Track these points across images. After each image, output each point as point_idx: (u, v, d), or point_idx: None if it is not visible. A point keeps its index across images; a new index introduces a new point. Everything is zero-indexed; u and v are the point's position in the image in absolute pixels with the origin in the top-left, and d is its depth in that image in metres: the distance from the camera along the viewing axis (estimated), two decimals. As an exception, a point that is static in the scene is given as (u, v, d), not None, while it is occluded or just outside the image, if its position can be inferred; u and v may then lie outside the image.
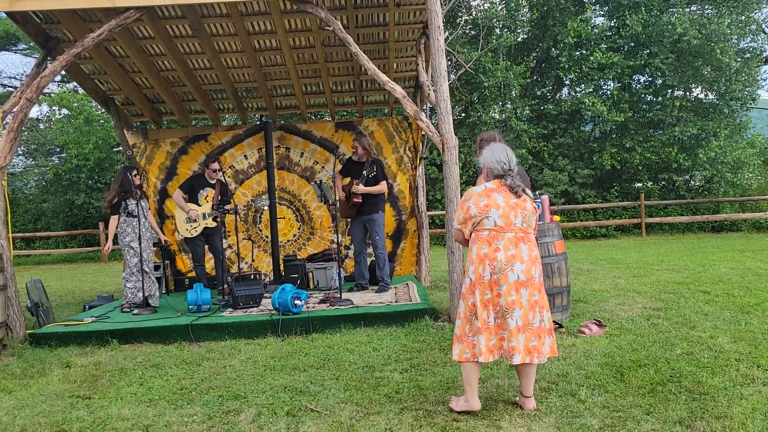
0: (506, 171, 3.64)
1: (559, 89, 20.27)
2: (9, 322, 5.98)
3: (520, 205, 3.61)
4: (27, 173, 22.76)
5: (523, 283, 3.53)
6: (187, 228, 7.84)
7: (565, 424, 3.39)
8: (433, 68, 6.55)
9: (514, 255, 3.53)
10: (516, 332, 3.50)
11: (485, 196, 3.61)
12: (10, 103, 6.32)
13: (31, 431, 3.62)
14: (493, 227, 3.56)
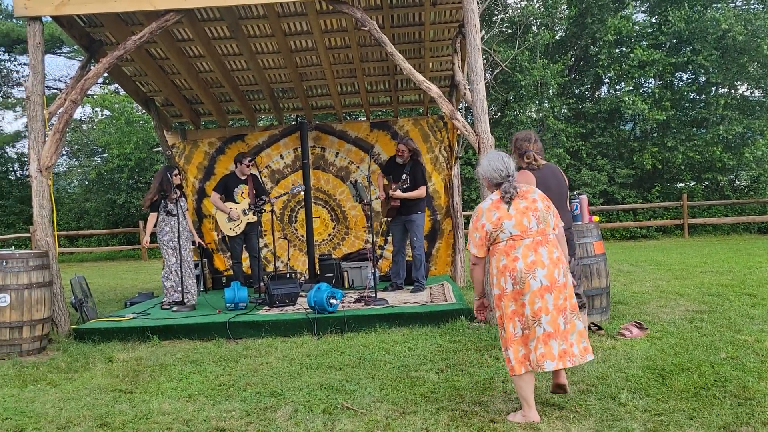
0: (504, 177, 3.56)
1: (598, 87, 19.96)
2: (55, 318, 6.14)
3: (531, 207, 3.52)
4: (70, 173, 23.39)
5: (548, 288, 3.43)
6: (230, 227, 7.94)
7: (605, 427, 3.33)
8: (469, 67, 6.52)
9: (534, 261, 3.44)
10: (546, 339, 3.42)
11: (495, 209, 3.53)
12: (55, 104, 6.50)
13: (76, 423, 3.71)
14: (509, 237, 3.48)
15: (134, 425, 3.64)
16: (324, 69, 8.88)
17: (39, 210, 6.28)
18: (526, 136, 4.85)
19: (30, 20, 6.31)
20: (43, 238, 6.26)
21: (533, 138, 4.84)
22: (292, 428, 3.49)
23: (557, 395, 3.80)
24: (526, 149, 4.80)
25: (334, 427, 3.48)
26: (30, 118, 6.33)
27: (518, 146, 4.85)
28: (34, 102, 6.30)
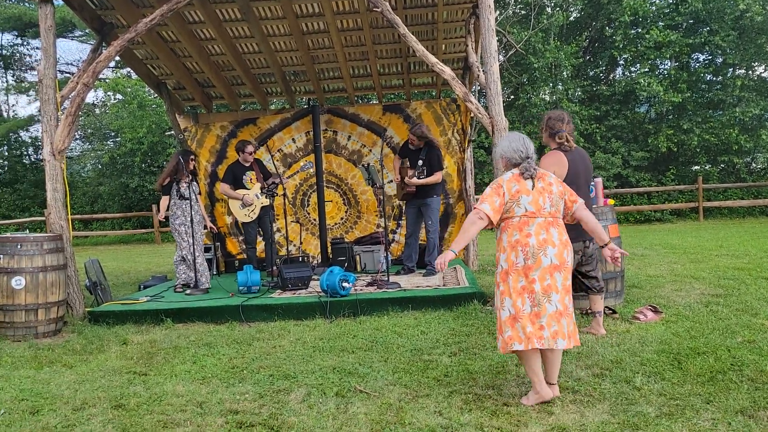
0: (524, 159, 3.60)
1: (613, 69, 19.72)
2: (69, 300, 6.19)
3: (548, 189, 3.58)
4: (84, 157, 23.54)
5: (557, 267, 3.48)
6: (245, 213, 7.92)
7: (619, 411, 3.30)
8: (483, 48, 6.44)
9: (546, 239, 3.48)
10: (558, 317, 3.46)
11: (516, 182, 3.56)
12: (67, 88, 6.50)
13: (91, 405, 3.73)
14: (524, 213, 3.51)
15: (149, 407, 3.66)
16: (336, 51, 8.81)
17: (53, 193, 6.31)
18: (560, 116, 4.78)
19: (41, 3, 6.29)
20: (57, 222, 6.29)
21: (566, 119, 4.77)
22: (306, 411, 3.50)
23: (573, 380, 3.77)
24: (559, 129, 4.74)
25: (347, 410, 3.48)
26: (42, 102, 6.33)
27: (550, 125, 4.77)
28: (47, 85, 6.30)
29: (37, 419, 3.54)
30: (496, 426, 3.19)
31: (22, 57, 26.58)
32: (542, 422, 3.21)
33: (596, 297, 4.93)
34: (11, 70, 26.75)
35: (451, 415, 3.34)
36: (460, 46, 8.92)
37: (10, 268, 5.56)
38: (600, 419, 3.21)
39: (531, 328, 3.43)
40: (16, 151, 25.41)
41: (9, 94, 26.59)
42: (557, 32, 18.20)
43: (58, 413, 3.62)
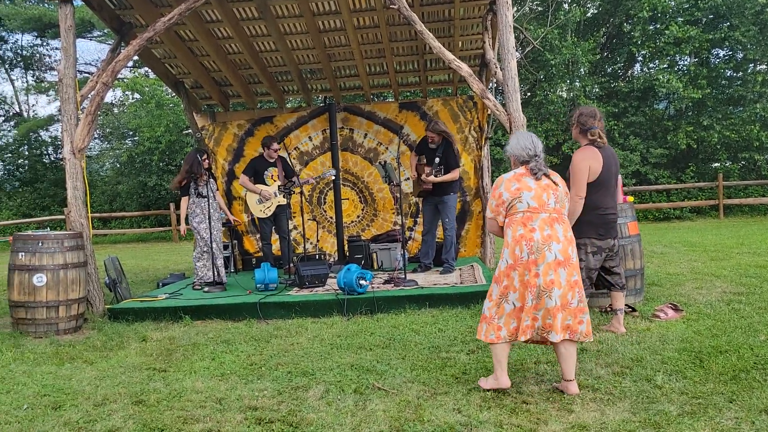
0: (531, 156, 3.66)
1: (631, 66, 19.53)
2: (89, 298, 6.25)
3: (552, 186, 3.62)
4: (102, 156, 23.77)
5: (561, 262, 3.51)
6: (260, 209, 7.94)
7: (641, 409, 3.27)
8: (500, 45, 6.41)
9: (551, 235, 3.51)
10: (555, 311, 3.48)
11: (516, 181, 3.61)
12: (87, 87, 6.56)
13: (112, 401, 3.77)
14: (526, 209, 3.55)
15: (168, 403, 3.69)
16: (352, 49, 8.81)
17: (73, 191, 6.37)
18: (592, 112, 4.74)
19: (61, 3, 6.36)
20: (77, 219, 6.35)
21: (598, 115, 4.73)
22: (324, 408, 3.50)
23: (593, 378, 3.75)
24: (591, 125, 4.69)
25: (366, 407, 3.48)
26: (63, 101, 6.40)
27: (582, 122, 4.73)
28: (67, 85, 6.37)
29: (59, 414, 3.58)
30: (515, 424, 3.17)
31: (41, 57, 26.91)
32: (562, 420, 3.19)
33: (618, 294, 4.89)
34: (31, 70, 27.08)
35: (470, 412, 3.33)
36: (477, 43, 8.89)
37: (32, 265, 5.62)
38: (621, 417, 3.18)
39: (528, 320, 3.50)
40: (36, 151, 25.72)
41: (29, 94, 26.93)
42: (574, 28, 18.06)
43: (80, 409, 3.66)
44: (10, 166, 25.62)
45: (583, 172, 4.61)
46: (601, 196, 4.68)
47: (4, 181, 25.45)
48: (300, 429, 3.23)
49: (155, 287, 8.15)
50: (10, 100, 26.81)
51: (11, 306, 5.74)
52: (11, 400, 3.87)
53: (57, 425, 3.41)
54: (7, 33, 25.59)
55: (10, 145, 25.52)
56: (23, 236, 5.76)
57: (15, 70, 27.09)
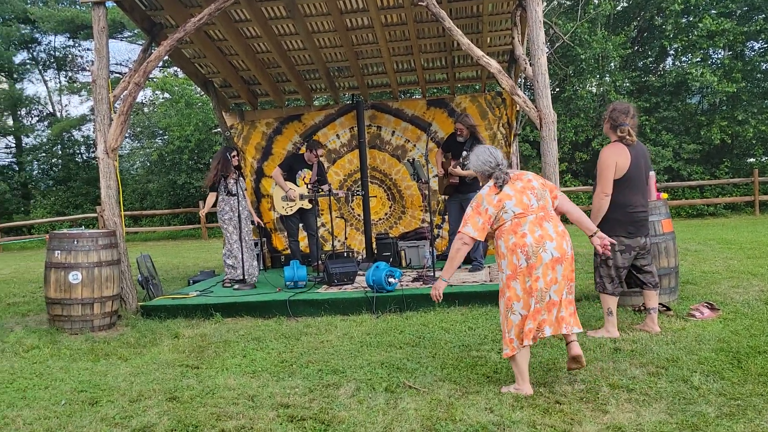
0: (495, 168, 3.70)
1: (663, 60, 19.18)
2: (123, 295, 6.35)
3: (528, 186, 3.66)
4: (133, 155, 24.15)
5: (558, 259, 3.56)
6: (283, 206, 8.00)
7: (677, 410, 3.21)
8: (530, 41, 6.34)
9: (542, 235, 3.56)
10: (550, 307, 3.57)
11: (494, 193, 3.66)
12: (119, 87, 6.65)
13: (146, 397, 3.82)
14: (513, 216, 3.60)
15: (201, 399, 3.73)
16: (380, 47, 8.79)
17: (106, 190, 6.48)
18: (625, 108, 4.68)
19: (94, 5, 6.46)
20: (111, 218, 6.45)
21: (631, 112, 4.66)
22: (355, 405, 3.50)
23: (628, 378, 3.69)
24: (622, 122, 4.63)
25: (397, 405, 3.48)
26: (96, 102, 6.51)
27: (614, 117, 4.67)
28: (100, 85, 6.47)
29: (96, 410, 3.64)
30: (548, 424, 3.13)
31: (74, 58, 27.42)
32: (597, 421, 3.15)
33: (651, 293, 4.80)
34: (64, 71, 27.62)
35: (503, 412, 3.30)
36: (506, 38, 8.81)
37: (68, 263, 5.73)
38: (657, 419, 3.13)
39: (532, 324, 3.55)
40: (69, 150, 26.24)
41: (62, 94, 27.47)
42: (604, 22, 17.80)
43: (116, 404, 3.71)
44: (44, 165, 26.18)
45: (609, 168, 4.56)
46: (629, 193, 4.61)
47: (38, 180, 26.02)
48: (332, 427, 3.24)
49: (186, 284, 8.25)
50: (44, 100, 27.40)
51: (48, 303, 5.86)
52: (50, 395, 3.95)
53: (94, 420, 3.47)
54: (41, 35, 26.14)
55: (44, 145, 26.08)
56: (59, 234, 5.88)
57: (48, 71, 27.67)
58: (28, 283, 9.72)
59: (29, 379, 4.33)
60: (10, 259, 15.88)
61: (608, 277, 4.70)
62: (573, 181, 18.16)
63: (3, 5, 24.70)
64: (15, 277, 10.74)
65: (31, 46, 26.56)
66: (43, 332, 5.71)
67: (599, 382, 3.67)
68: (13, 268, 12.44)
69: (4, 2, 24.55)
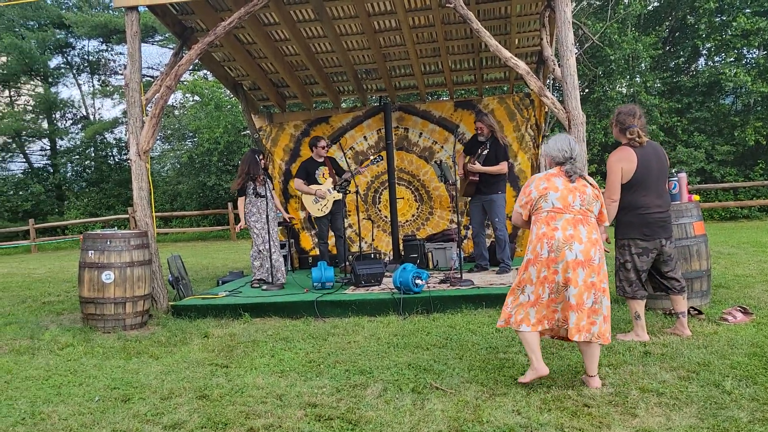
0: (567, 158, 3.74)
1: (695, 60, 18.87)
2: (154, 294, 6.46)
3: (580, 189, 3.71)
4: (164, 157, 24.55)
5: (581, 262, 3.58)
6: (318, 208, 8.08)
7: (708, 415, 3.16)
8: (558, 42, 6.30)
9: (573, 235, 3.60)
10: (567, 308, 3.61)
11: (545, 180, 3.74)
12: (151, 91, 6.78)
13: (177, 395, 3.89)
14: (551, 208, 3.66)
15: (231, 398, 3.78)
16: (407, 49, 8.81)
17: (138, 192, 6.60)
18: (631, 110, 4.65)
19: (127, 10, 6.59)
20: (143, 219, 6.57)
21: (638, 113, 4.63)
22: (382, 406, 3.52)
23: (658, 382, 3.65)
24: (630, 124, 4.60)
25: (424, 406, 3.48)
26: (129, 105, 6.63)
27: (621, 120, 4.64)
28: (133, 89, 6.60)
29: (128, 407, 3.72)
30: (577, 427, 3.11)
31: (107, 62, 27.97)
32: (626, 424, 3.12)
33: (678, 297, 4.73)
34: (97, 74, 28.19)
35: (530, 414, 3.29)
36: (534, 39, 8.75)
37: (101, 263, 5.85)
38: (688, 423, 3.08)
39: (545, 311, 3.67)
40: (101, 152, 26.78)
41: (95, 97, 28.03)
42: (634, 22, 17.57)
43: (147, 402, 3.79)
44: (78, 167, 26.76)
45: (615, 174, 4.57)
46: (639, 195, 4.57)
47: (72, 181, 26.60)
48: (359, 426, 3.26)
49: (215, 285, 8.35)
50: (78, 103, 28.00)
51: (82, 302, 5.99)
52: (83, 392, 4.05)
53: (126, 417, 3.54)
54: (75, 39, 26.73)
55: (77, 147, 26.66)
56: (93, 235, 6.00)
57: (82, 75, 28.29)
58: (62, 282, 9.94)
59: (64, 375, 4.43)
60: (45, 258, 16.26)
61: (627, 280, 4.65)
62: (602, 183, 17.94)
63: (39, 11, 25.32)
64: (50, 276, 10.99)
65: (66, 50, 27.18)
66: (77, 330, 5.83)
67: (628, 386, 3.63)
68: (47, 268, 12.73)
69: (40, 8, 25.17)
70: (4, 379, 4.39)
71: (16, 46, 23.54)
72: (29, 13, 25.40)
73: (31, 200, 24.10)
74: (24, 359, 4.97)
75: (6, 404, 3.86)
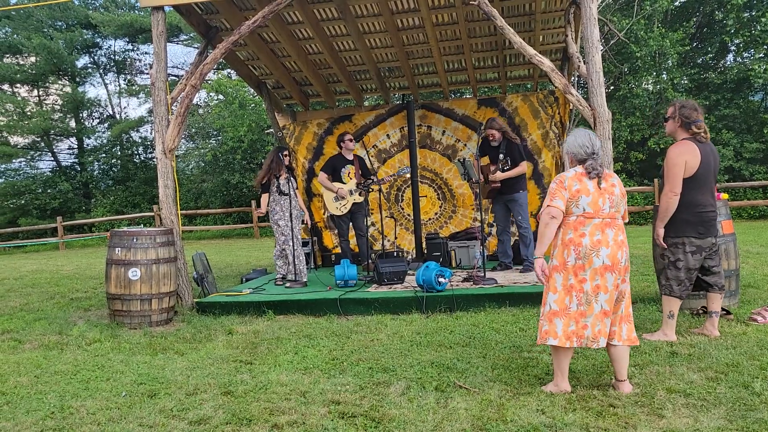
0: (589, 155, 3.59)
1: (724, 56, 18.53)
2: (179, 291, 6.53)
3: (608, 190, 3.57)
4: (188, 155, 24.81)
5: (609, 267, 3.50)
6: (336, 206, 8.11)
7: (737, 417, 3.11)
8: (584, 38, 6.23)
9: (600, 240, 3.50)
10: (602, 316, 3.51)
11: (577, 181, 3.57)
12: (177, 90, 6.85)
13: (202, 390, 3.93)
14: (581, 213, 3.53)
15: (255, 394, 3.81)
16: (431, 46, 8.79)
17: (164, 190, 6.67)
18: (693, 105, 4.58)
19: (153, 9, 6.66)
20: (168, 217, 6.65)
21: (699, 109, 4.56)
22: (406, 404, 3.52)
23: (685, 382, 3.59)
24: (696, 119, 4.52)
25: (447, 405, 3.48)
26: (155, 104, 6.71)
27: (686, 114, 4.55)
28: (158, 88, 6.67)
29: (155, 402, 3.76)
30: (602, 427, 3.08)
31: (132, 61, 28.32)
32: (652, 425, 3.08)
33: (715, 295, 4.65)
34: (123, 74, 28.57)
35: (555, 414, 3.26)
36: (558, 36, 8.68)
37: (127, 260, 5.93)
38: (716, 425, 3.04)
39: (574, 326, 3.52)
40: (127, 151, 27.14)
41: (121, 96, 28.42)
42: (661, 18, 17.32)
43: (173, 397, 3.83)
44: (104, 165, 27.15)
45: (678, 167, 4.42)
46: (699, 193, 4.48)
47: (98, 179, 26.99)
48: (383, 424, 3.26)
49: (239, 282, 8.42)
50: (104, 103, 28.39)
51: (109, 298, 6.08)
52: (111, 387, 4.11)
53: (153, 412, 3.59)
54: (102, 39, 27.11)
55: (104, 146, 27.05)
56: (120, 232, 6.09)
57: (108, 75, 28.67)
58: (89, 279, 10.10)
59: (92, 371, 4.50)
60: (72, 256, 16.53)
61: (676, 279, 4.57)
62: (628, 181, 17.73)
63: (67, 12, 25.73)
64: (77, 273, 11.17)
65: (93, 50, 27.58)
66: (104, 326, 5.92)
67: (655, 386, 3.58)
68: (75, 265, 12.94)
69: (67, 9, 25.58)
70: (33, 374, 4.47)
71: (44, 47, 23.95)
72: (57, 13, 25.83)
73: (59, 198, 24.52)
74: (53, 354, 5.05)
75: (36, 398, 3.93)
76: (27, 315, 6.82)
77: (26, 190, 24.66)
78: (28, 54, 25.37)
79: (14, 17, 25.42)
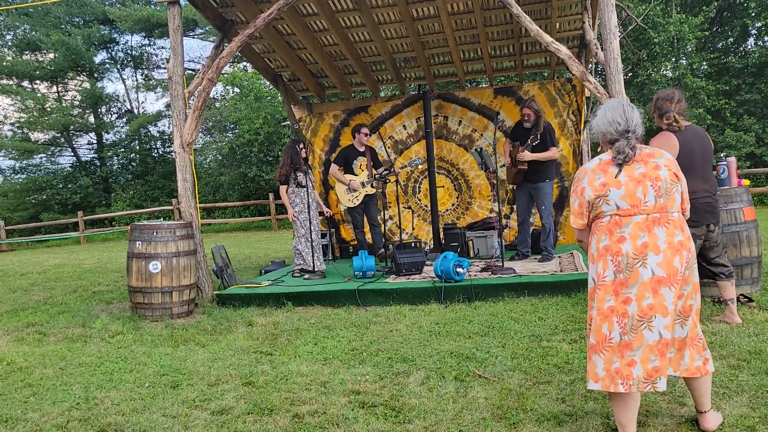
0: (621, 133, 2.74)
1: (745, 40, 18.22)
2: (199, 284, 6.60)
3: (651, 175, 2.69)
4: (205, 149, 24.98)
5: (663, 280, 2.62)
6: (348, 198, 8.13)
7: (761, 404, 3.08)
8: (601, 25, 6.16)
9: (646, 244, 2.64)
10: (663, 348, 2.64)
11: (601, 173, 2.75)
12: (194, 84, 6.89)
13: (224, 381, 3.98)
14: (615, 212, 2.71)
15: (276, 385, 3.85)
16: (446, 36, 8.74)
17: (182, 183, 6.73)
18: (668, 95, 4.54)
19: (169, 4, 6.70)
20: (187, 210, 6.71)
21: (676, 97, 4.52)
22: (425, 393, 3.54)
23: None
24: (666, 109, 4.51)
25: (467, 394, 3.49)
26: (172, 98, 6.76)
27: (658, 106, 4.57)
28: (176, 82, 6.72)
29: (177, 393, 3.82)
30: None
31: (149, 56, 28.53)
32: (673, 413, 3.07)
33: (725, 283, 4.61)
34: (140, 69, 28.78)
35: (575, 402, 3.26)
36: (575, 23, 8.58)
37: (148, 253, 6.00)
38: (738, 412, 3.02)
39: (618, 363, 2.66)
40: (146, 145, 27.38)
41: (139, 91, 28.66)
42: (679, 3, 17.07)
43: (195, 388, 3.88)
44: (124, 160, 27.43)
45: None
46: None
47: (118, 174, 27.29)
48: (402, 413, 3.28)
49: (258, 274, 8.48)
50: (122, 98, 28.65)
51: (130, 291, 6.16)
52: (134, 378, 4.17)
53: (176, 403, 3.64)
54: (119, 34, 27.32)
55: (122, 141, 27.31)
56: (140, 226, 6.16)
57: (126, 70, 28.91)
58: (111, 272, 10.23)
59: (115, 362, 4.58)
60: (93, 249, 16.75)
61: None
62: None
63: (84, 8, 25.94)
64: (99, 266, 11.32)
65: (110, 45, 27.81)
66: (126, 319, 6.01)
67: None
68: (96, 258, 13.12)
69: (85, 5, 25.79)
70: (59, 366, 4.56)
71: (63, 43, 24.19)
72: (75, 9, 26.07)
73: (79, 193, 24.83)
74: (77, 346, 5.14)
75: (62, 389, 4.00)
76: (51, 308, 6.94)
77: (47, 185, 25.00)
78: (47, 50, 25.65)
79: (33, 14, 25.68)
